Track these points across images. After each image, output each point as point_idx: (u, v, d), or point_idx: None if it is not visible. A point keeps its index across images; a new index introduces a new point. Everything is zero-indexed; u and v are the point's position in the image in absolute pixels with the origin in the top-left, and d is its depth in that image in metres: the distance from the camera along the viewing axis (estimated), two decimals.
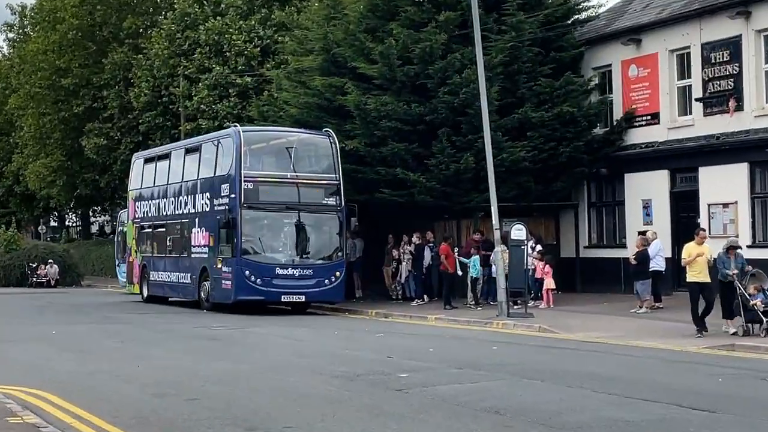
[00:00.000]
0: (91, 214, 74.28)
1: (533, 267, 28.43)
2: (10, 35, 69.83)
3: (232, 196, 28.81)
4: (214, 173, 30.40)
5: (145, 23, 55.83)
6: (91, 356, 18.67)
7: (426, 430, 11.09)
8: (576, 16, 33.82)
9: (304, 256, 29.15)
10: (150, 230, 35.63)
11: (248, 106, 41.08)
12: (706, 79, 28.59)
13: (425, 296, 31.20)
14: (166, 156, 35.36)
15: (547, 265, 28.38)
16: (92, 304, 36.10)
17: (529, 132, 30.80)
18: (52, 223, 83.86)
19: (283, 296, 28.67)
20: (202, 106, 44.52)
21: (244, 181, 28.64)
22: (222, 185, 29.54)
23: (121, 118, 53.46)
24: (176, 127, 48.11)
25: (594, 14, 34.72)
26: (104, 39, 56.14)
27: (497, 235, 26.42)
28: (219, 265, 29.47)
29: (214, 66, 44.75)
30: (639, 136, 31.00)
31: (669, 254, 28.56)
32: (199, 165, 31.86)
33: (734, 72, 27.72)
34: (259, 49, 44.45)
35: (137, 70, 50.16)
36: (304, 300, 29.02)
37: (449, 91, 30.20)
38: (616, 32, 31.79)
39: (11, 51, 69.67)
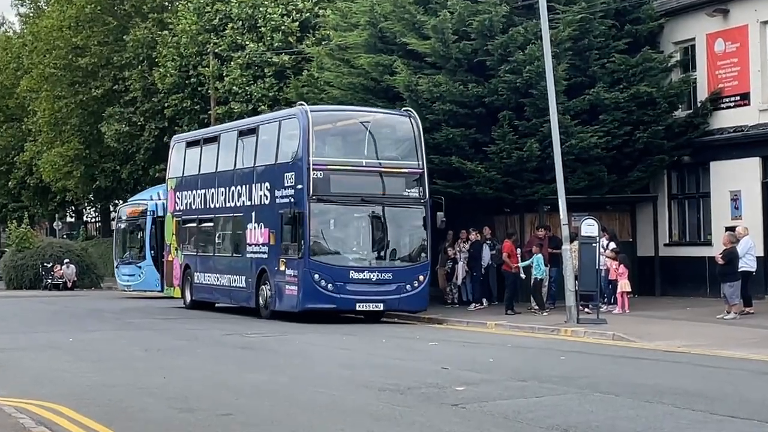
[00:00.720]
0: (111, 208, 74.81)
1: (606, 267, 28.29)
2: (22, 10, 70.70)
3: (299, 186, 27.72)
4: (276, 160, 29.46)
5: None
6: (111, 366, 18.82)
7: None
8: None
9: (382, 257, 28.24)
10: (194, 225, 34.90)
11: (285, 88, 41.17)
12: None
13: (484, 300, 31.15)
14: (214, 139, 34.39)
15: (622, 265, 28.21)
16: (113, 308, 36.37)
17: (602, 115, 30.68)
18: (69, 219, 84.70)
19: (358, 304, 27.54)
20: (234, 87, 44.68)
21: (313, 169, 27.49)
22: (285, 174, 28.50)
23: (144, 101, 53.83)
24: (206, 111, 48.37)
25: None
26: (126, 14, 56.59)
27: (566, 231, 26.30)
28: (282, 267, 28.48)
29: (247, 43, 44.90)
30: (727, 119, 30.76)
31: (761, 252, 28.32)
32: (255, 150, 30.97)
33: None
34: (297, 23, 44.51)
35: (162, 48, 50.42)
36: (381, 308, 27.94)
37: (511, 70, 30.12)
38: (700, 2, 31.54)
39: (23, 27, 70.43)
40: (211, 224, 33.72)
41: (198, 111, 49.51)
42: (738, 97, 30.48)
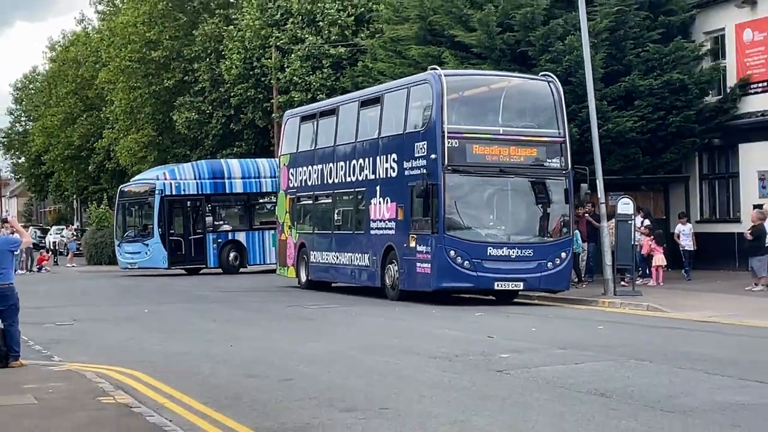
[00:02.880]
0: None
1: (640, 243, 28.10)
2: (100, 7, 70.92)
3: (432, 156, 24.65)
4: (404, 129, 26.53)
5: None
6: (183, 336, 18.95)
7: (529, 413, 11.02)
8: None
9: (521, 232, 25.27)
10: (310, 202, 32.46)
11: (342, 78, 41.09)
12: None
13: None
14: (332, 112, 31.17)
15: (655, 241, 28.02)
16: (190, 284, 36.52)
17: (637, 101, 30.42)
18: None
19: (496, 283, 24.49)
20: (294, 77, 44.72)
21: (448, 137, 24.49)
22: (416, 144, 25.51)
23: (212, 91, 53.87)
24: (268, 100, 48.46)
25: None
26: (194, 10, 56.68)
27: (603, 209, 26.16)
28: (412, 244, 25.45)
29: (306, 36, 44.92)
30: (754, 104, 30.41)
31: None
32: (380, 121, 27.94)
33: None
34: (353, 18, 44.50)
35: (228, 42, 50.51)
36: (522, 287, 25.03)
37: (551, 59, 29.91)
38: None
39: (101, 24, 70.79)
40: (329, 200, 30.76)
41: (261, 100, 49.59)
42: (765, 83, 30.09)
